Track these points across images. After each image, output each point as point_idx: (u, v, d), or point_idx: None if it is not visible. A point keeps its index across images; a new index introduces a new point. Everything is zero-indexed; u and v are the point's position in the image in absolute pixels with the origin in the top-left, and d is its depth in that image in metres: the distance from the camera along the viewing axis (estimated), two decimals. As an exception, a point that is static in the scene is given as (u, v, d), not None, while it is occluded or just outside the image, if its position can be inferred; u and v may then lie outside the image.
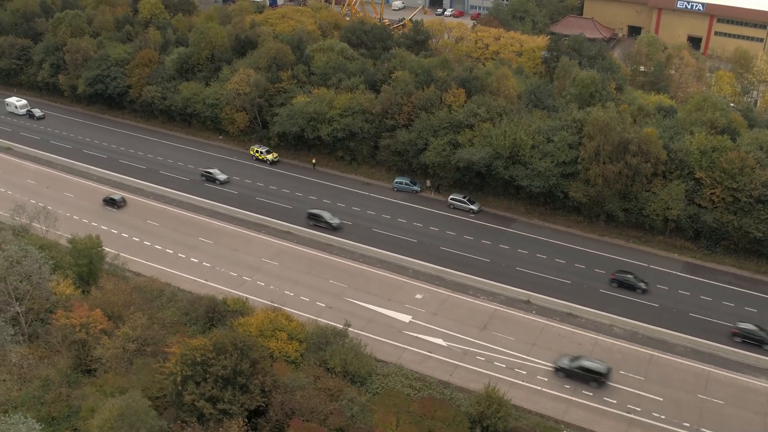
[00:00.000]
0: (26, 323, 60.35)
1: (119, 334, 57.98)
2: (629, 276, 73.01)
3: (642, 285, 72.15)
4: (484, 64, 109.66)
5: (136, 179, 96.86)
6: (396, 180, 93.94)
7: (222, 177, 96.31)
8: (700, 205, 78.70)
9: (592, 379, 60.20)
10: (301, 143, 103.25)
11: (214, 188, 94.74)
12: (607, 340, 65.90)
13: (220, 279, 75.49)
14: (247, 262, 78.39)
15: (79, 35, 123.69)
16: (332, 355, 57.42)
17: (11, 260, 58.39)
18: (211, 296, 65.66)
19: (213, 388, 49.98)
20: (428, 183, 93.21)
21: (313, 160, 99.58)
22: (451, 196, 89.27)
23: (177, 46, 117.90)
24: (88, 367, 58.68)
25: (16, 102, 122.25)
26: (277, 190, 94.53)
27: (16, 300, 59.18)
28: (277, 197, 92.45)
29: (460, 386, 60.25)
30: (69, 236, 71.75)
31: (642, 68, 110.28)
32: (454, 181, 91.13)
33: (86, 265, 69.60)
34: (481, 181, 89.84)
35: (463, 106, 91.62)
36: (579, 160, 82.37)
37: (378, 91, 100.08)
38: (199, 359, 50.79)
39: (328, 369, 57.40)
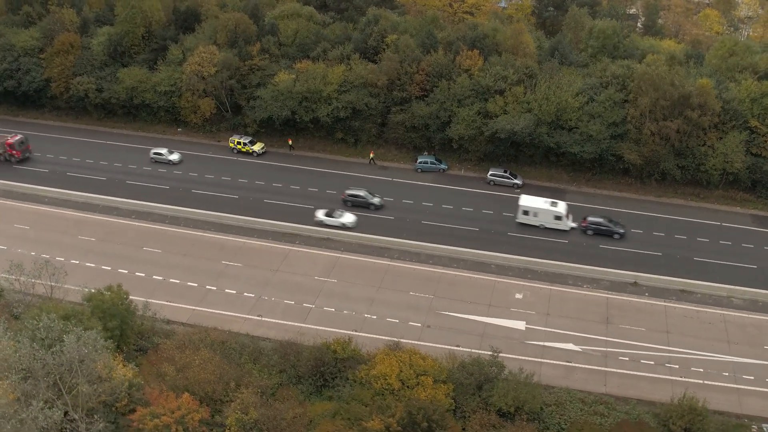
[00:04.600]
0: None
1: (231, 423, 44.46)
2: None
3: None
4: (464, 19, 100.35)
5: (105, 196, 78.39)
6: (419, 160, 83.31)
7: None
8: (756, 155, 76.10)
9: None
10: (288, 128, 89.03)
11: (209, 195, 78.93)
12: (734, 314, 61.62)
13: (276, 311, 62.21)
14: (298, 283, 65.41)
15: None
16: (503, 394, 47.82)
17: (58, 350, 42.36)
18: (316, 345, 52.85)
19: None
20: (425, 154, 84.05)
21: (372, 154, 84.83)
22: (490, 172, 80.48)
23: (99, 26, 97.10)
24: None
25: (551, 206, 70.90)
26: (283, 187, 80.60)
27: (66, 396, 43.41)
28: (288, 196, 78.73)
29: (623, 396, 53.25)
30: (87, 290, 55.31)
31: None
32: (485, 154, 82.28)
33: (117, 327, 53.74)
34: (516, 152, 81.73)
35: (482, 70, 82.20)
36: (629, 119, 76.61)
37: (372, 60, 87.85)
38: (390, 445, 39.47)
39: (498, 412, 47.86)
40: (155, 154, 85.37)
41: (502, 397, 47.81)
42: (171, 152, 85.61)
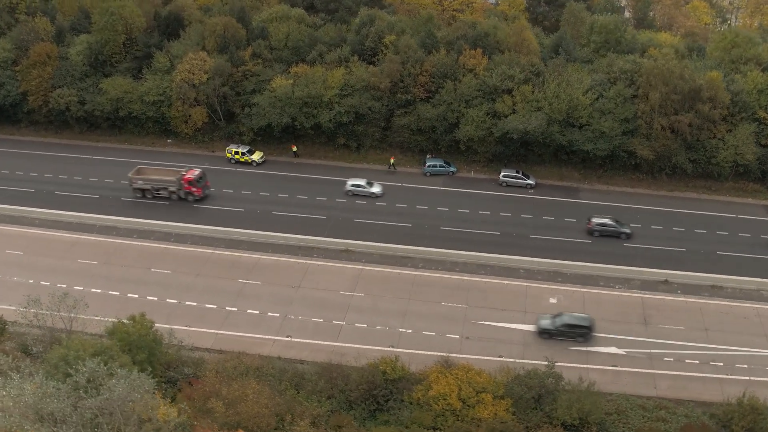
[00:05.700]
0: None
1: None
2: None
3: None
4: (456, 18, 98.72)
5: (99, 215, 73.87)
6: (428, 163, 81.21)
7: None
8: (765, 146, 76.65)
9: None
10: (286, 135, 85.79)
11: (212, 209, 75.20)
12: (766, 307, 61.51)
13: (306, 331, 59.26)
14: (323, 299, 62.56)
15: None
16: (567, 406, 46.19)
17: (107, 398, 38.65)
18: (362, 366, 50.22)
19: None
20: (433, 157, 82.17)
21: (392, 159, 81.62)
22: (502, 173, 78.99)
23: (76, 34, 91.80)
24: None
25: None
26: (290, 197, 77.46)
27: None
28: (297, 207, 75.59)
29: (675, 398, 52.39)
30: (108, 321, 51.47)
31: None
32: (494, 155, 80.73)
33: (146, 360, 50.01)
34: (525, 152, 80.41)
35: (487, 69, 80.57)
36: (639, 114, 76.10)
37: (370, 62, 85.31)
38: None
39: (563, 425, 46.25)
40: (354, 186, 76.61)
41: (566, 409, 46.21)
42: (371, 184, 76.54)
